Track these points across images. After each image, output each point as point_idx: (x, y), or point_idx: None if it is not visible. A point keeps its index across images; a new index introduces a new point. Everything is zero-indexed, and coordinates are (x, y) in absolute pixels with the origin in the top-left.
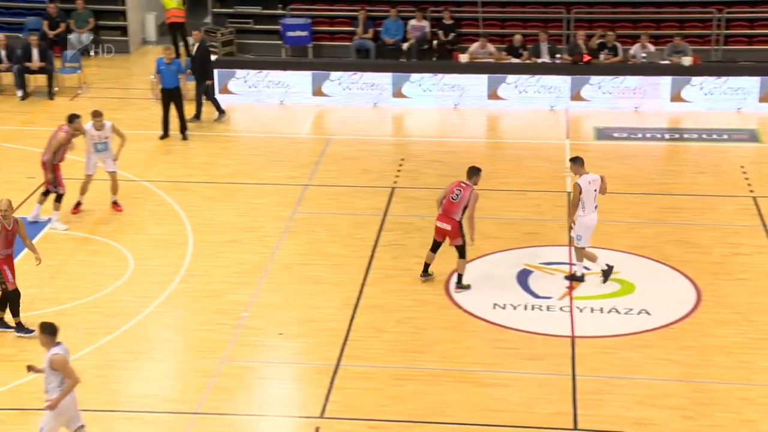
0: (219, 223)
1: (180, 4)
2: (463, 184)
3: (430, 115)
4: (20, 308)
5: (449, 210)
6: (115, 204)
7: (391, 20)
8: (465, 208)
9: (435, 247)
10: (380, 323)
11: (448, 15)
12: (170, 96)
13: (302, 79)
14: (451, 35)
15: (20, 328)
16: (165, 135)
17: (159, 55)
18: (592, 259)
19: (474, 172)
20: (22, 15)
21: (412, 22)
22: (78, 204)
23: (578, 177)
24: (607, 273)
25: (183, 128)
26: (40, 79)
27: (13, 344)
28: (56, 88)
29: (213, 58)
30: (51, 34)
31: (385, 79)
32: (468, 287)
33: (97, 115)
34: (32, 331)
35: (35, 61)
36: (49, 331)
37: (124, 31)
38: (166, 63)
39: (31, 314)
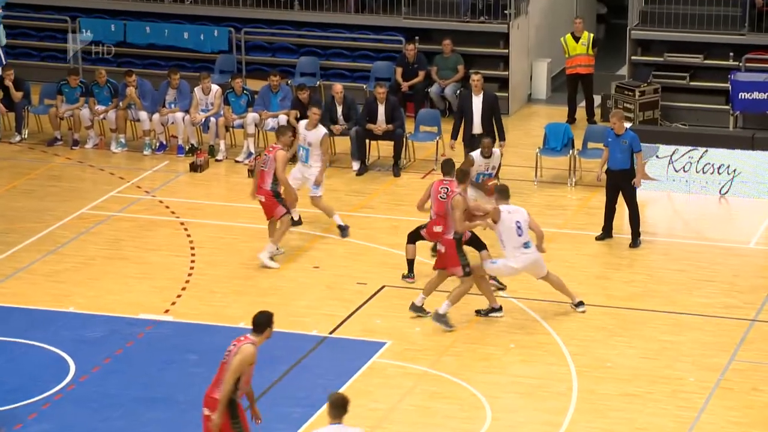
0: (616, 366)
1: (589, 50)
2: (446, 182)
3: None
4: None
5: (440, 211)
6: None
7: None
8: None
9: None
10: None
11: None
12: (616, 180)
13: (757, 162)
14: None
15: None
16: (606, 235)
17: (550, 118)
18: (330, 213)
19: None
20: (369, 59)
21: None
22: None
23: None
24: (342, 229)
25: (635, 233)
26: (385, 147)
27: None
28: (405, 160)
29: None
30: (405, 85)
31: None
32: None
33: None
34: None
35: (380, 123)
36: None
37: (503, 83)
38: (616, 135)
39: None
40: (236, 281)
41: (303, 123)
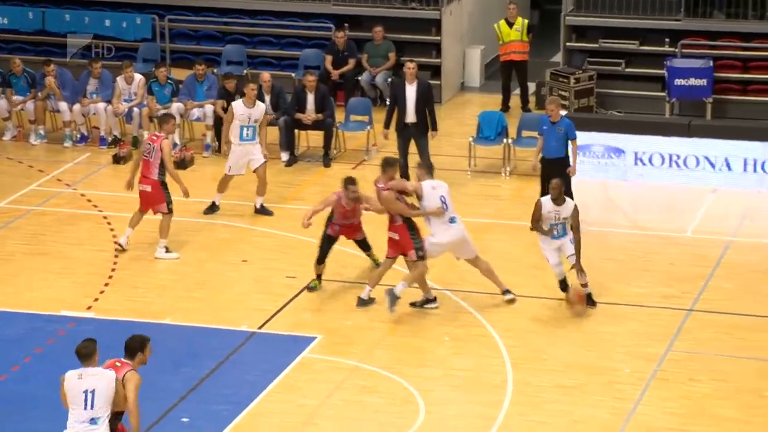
0: (552, 357)
1: (523, 36)
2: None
3: None
4: None
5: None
6: None
7: None
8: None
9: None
10: None
11: None
12: (552, 170)
13: (694, 149)
14: None
15: None
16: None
17: (484, 106)
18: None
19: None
20: (298, 47)
21: None
22: None
23: None
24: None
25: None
26: (315, 138)
27: None
28: (335, 151)
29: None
30: (335, 73)
31: None
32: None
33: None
34: None
35: (310, 112)
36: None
37: (436, 71)
38: (552, 122)
39: None
40: (161, 276)
41: (240, 103)
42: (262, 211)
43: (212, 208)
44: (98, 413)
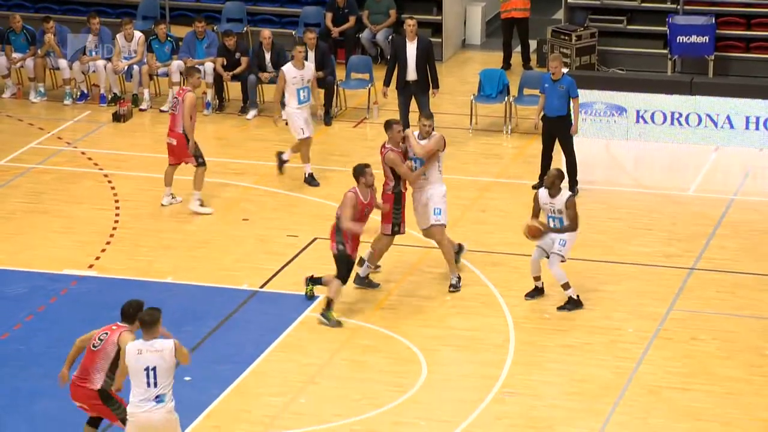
0: (554, 317)
1: None
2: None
3: None
4: None
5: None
6: None
7: None
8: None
9: None
10: None
11: None
12: (553, 128)
13: (697, 107)
14: None
15: None
16: (542, 183)
17: (485, 64)
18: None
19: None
20: (298, 3)
21: None
22: None
23: None
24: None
25: (572, 181)
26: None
27: None
28: (337, 109)
29: None
30: (335, 31)
31: None
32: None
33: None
34: None
35: None
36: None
37: (437, 28)
38: (553, 80)
39: None
40: (163, 234)
41: (290, 67)
42: (310, 180)
43: (310, 180)
44: (163, 390)
